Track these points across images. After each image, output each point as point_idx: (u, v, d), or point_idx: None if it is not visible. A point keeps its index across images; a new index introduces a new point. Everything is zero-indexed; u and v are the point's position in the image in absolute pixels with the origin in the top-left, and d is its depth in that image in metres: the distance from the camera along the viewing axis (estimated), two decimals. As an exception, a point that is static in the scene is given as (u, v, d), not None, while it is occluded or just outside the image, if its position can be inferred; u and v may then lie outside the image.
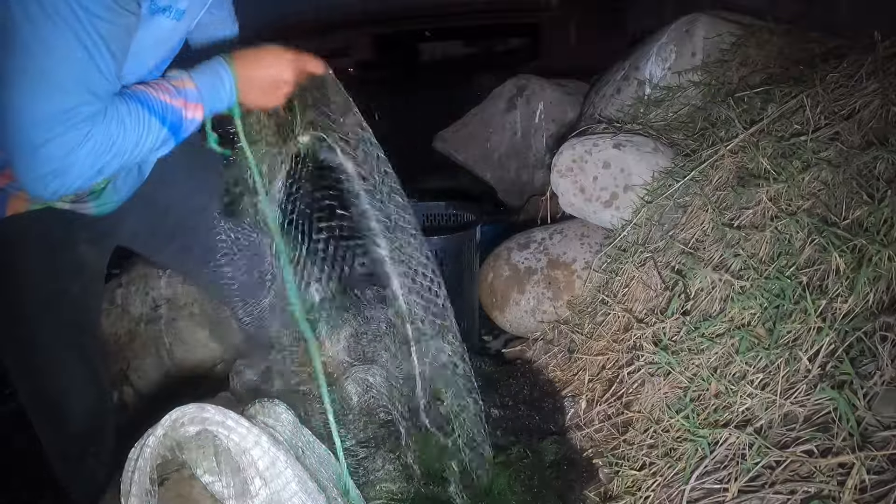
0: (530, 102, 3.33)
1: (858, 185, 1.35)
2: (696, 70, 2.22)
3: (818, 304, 1.21)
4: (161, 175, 1.30)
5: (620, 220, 1.91)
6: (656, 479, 1.24)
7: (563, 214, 2.15)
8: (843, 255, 1.23)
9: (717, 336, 1.35)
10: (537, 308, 2.01)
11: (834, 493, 0.98)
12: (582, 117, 2.80)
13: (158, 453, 0.84)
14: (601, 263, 1.89)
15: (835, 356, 1.14)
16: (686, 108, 2.15)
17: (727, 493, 1.09)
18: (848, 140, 1.47)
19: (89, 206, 1.18)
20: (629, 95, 2.42)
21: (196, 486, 0.89)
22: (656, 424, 1.34)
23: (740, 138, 1.69)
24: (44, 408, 1.23)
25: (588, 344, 1.72)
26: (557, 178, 1.99)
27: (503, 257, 2.13)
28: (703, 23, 2.28)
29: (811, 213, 1.37)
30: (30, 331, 1.17)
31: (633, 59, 2.51)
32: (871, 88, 1.55)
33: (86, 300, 1.26)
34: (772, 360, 1.22)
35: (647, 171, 1.87)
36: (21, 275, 1.15)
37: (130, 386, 1.85)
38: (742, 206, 1.54)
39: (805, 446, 1.06)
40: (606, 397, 1.53)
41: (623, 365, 1.54)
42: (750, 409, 1.20)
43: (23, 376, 1.21)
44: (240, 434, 0.86)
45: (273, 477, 0.86)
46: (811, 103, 1.61)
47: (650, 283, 1.66)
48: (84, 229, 1.20)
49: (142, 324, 1.88)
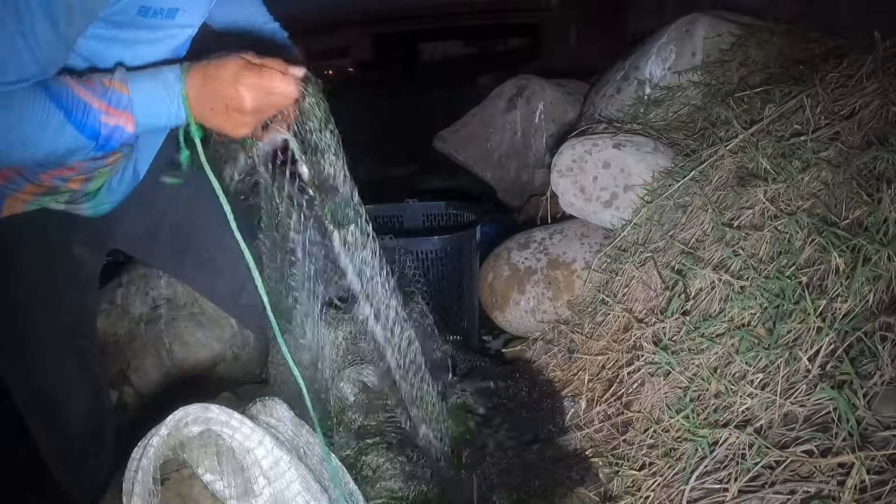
0: (530, 102, 3.34)
1: (858, 185, 1.35)
2: (696, 70, 2.22)
3: (818, 304, 1.21)
4: (157, 177, 1.29)
5: (620, 220, 1.91)
6: (656, 479, 1.24)
7: (563, 214, 2.16)
8: (842, 255, 1.23)
9: (717, 336, 1.35)
10: (537, 308, 2.01)
11: (834, 493, 0.98)
12: (582, 117, 2.81)
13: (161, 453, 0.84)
14: (601, 263, 1.89)
15: (835, 356, 1.14)
16: (686, 108, 2.16)
17: (727, 493, 1.09)
18: (848, 140, 1.47)
19: (84, 206, 1.18)
20: (629, 95, 2.42)
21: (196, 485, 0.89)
22: (656, 424, 1.34)
23: (740, 138, 1.69)
24: (41, 409, 1.23)
25: (588, 344, 1.72)
26: (557, 178, 1.99)
27: (503, 257, 2.13)
28: (703, 23, 2.28)
29: (811, 213, 1.38)
30: (25, 331, 1.17)
31: (633, 59, 2.52)
32: (871, 88, 1.55)
33: (81, 301, 1.26)
34: (772, 360, 1.22)
35: (647, 171, 1.87)
36: (16, 275, 1.15)
37: (130, 386, 1.85)
38: (742, 206, 1.54)
39: (805, 446, 1.06)
40: (606, 397, 1.53)
41: (623, 365, 1.55)
42: (750, 409, 1.20)
43: (19, 377, 1.21)
44: (244, 434, 0.86)
45: (277, 477, 0.86)
46: (811, 103, 1.61)
47: (650, 283, 1.66)
48: (79, 230, 1.20)
49: (142, 324, 1.88)
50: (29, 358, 1.19)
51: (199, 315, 1.91)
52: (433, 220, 2.24)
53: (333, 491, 0.98)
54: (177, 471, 0.90)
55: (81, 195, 1.15)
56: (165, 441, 0.84)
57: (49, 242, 1.17)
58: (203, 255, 1.40)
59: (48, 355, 1.19)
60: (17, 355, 1.18)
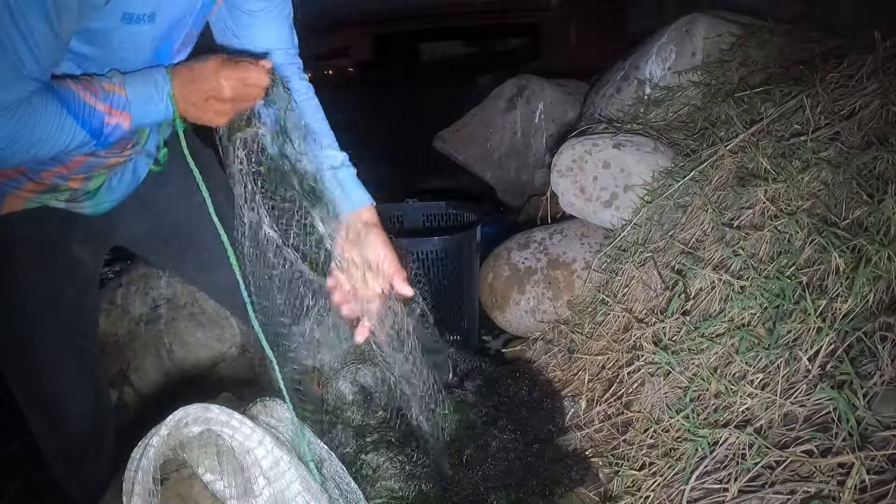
0: (530, 102, 3.34)
1: (858, 185, 1.35)
2: (696, 70, 2.22)
3: (818, 304, 1.21)
4: (157, 176, 1.30)
5: (620, 220, 1.91)
6: (656, 479, 1.24)
7: (563, 214, 2.16)
8: (842, 255, 1.23)
9: (717, 336, 1.35)
10: (537, 308, 2.01)
11: (834, 493, 0.98)
12: (582, 117, 2.81)
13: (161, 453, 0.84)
14: (601, 263, 1.89)
15: (835, 356, 1.14)
16: (686, 108, 2.16)
17: (727, 493, 1.09)
18: (848, 140, 1.48)
19: (84, 205, 1.18)
20: (629, 95, 2.42)
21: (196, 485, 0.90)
22: (656, 424, 1.34)
23: (740, 138, 1.69)
24: (41, 408, 1.23)
25: (588, 344, 1.72)
26: (557, 178, 1.99)
27: (503, 257, 2.13)
28: (703, 23, 2.28)
29: (811, 213, 1.38)
30: (24, 329, 1.17)
31: (633, 59, 2.52)
32: (871, 88, 1.55)
33: (81, 299, 1.26)
34: (772, 360, 1.22)
35: (647, 171, 1.87)
36: (16, 273, 1.15)
37: (130, 386, 1.85)
38: (742, 206, 1.54)
39: (805, 446, 1.06)
40: (606, 397, 1.53)
41: (623, 365, 1.55)
42: (750, 409, 1.20)
43: (18, 375, 1.21)
44: (244, 434, 0.86)
45: (277, 477, 0.86)
46: (811, 103, 1.61)
47: (650, 283, 1.66)
48: (79, 229, 1.20)
49: (142, 324, 1.88)
50: (28, 356, 1.19)
51: (199, 315, 1.92)
52: (433, 219, 2.24)
53: (333, 490, 0.98)
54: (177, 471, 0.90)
55: (82, 193, 1.16)
56: (165, 441, 0.84)
57: (49, 240, 1.17)
58: (203, 255, 1.41)
59: (47, 354, 1.19)
60: (16, 353, 1.19)
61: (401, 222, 2.23)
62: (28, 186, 1.09)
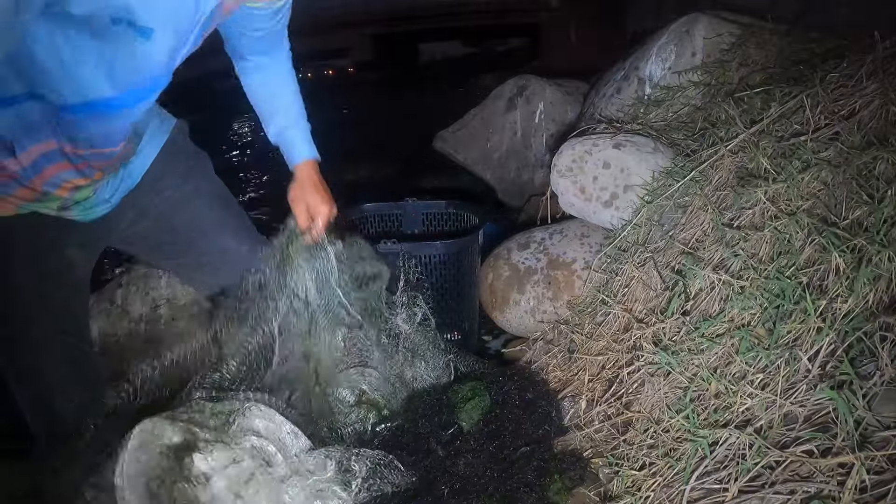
0: (530, 102, 3.34)
1: (858, 185, 1.35)
2: (696, 70, 2.22)
3: (818, 304, 1.21)
4: (154, 181, 1.30)
5: (620, 220, 1.91)
6: (656, 479, 1.24)
7: (563, 214, 2.15)
8: (842, 255, 1.23)
9: (717, 336, 1.35)
10: (537, 308, 2.01)
11: (834, 493, 0.98)
12: (582, 117, 2.81)
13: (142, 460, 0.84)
14: (601, 263, 1.89)
15: (835, 356, 1.14)
16: (686, 108, 2.16)
17: (727, 494, 1.09)
18: (848, 140, 1.47)
19: (73, 213, 1.18)
20: (629, 95, 2.42)
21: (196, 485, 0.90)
22: (656, 424, 1.34)
23: (740, 138, 1.69)
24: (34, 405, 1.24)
25: (588, 344, 1.72)
26: (557, 178, 1.99)
27: (503, 257, 2.13)
28: (703, 23, 2.28)
29: (811, 213, 1.38)
30: (15, 329, 1.18)
31: (633, 59, 2.52)
32: (871, 88, 1.55)
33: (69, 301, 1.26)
34: (772, 361, 1.22)
35: (647, 171, 1.87)
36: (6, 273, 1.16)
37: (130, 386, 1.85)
38: (742, 206, 1.54)
39: (805, 446, 1.06)
40: (606, 397, 1.53)
41: (623, 365, 1.54)
42: (750, 409, 1.20)
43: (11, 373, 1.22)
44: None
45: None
46: (811, 103, 1.61)
47: (650, 283, 1.66)
48: (74, 233, 1.21)
49: (142, 324, 1.88)
50: (18, 357, 1.20)
51: (199, 315, 1.91)
52: (433, 219, 2.24)
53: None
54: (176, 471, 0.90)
55: (71, 202, 1.16)
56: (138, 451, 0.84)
57: (41, 243, 1.18)
58: (202, 258, 1.42)
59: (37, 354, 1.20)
60: (6, 353, 1.19)
61: (400, 221, 2.23)
62: (18, 192, 1.09)
